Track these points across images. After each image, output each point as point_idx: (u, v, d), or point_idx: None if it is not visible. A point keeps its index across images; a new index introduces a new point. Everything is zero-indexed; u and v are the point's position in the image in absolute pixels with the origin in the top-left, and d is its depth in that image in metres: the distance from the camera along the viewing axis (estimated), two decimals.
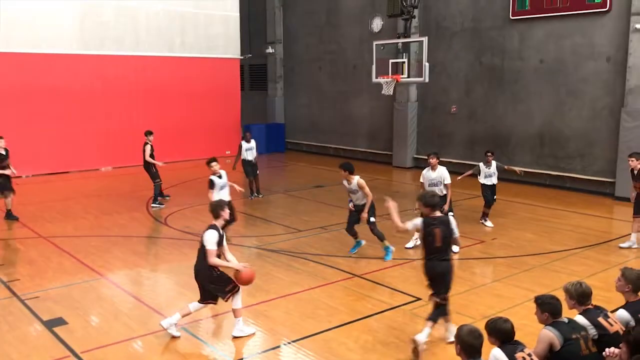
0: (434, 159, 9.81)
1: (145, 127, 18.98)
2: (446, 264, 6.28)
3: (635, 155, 9.79)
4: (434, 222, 6.20)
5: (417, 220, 6.33)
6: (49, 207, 13.35)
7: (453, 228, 6.27)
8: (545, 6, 15.01)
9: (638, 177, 9.68)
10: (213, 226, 6.51)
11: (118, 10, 18.65)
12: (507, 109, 16.40)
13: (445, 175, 9.70)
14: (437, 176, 9.70)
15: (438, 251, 6.19)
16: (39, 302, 7.56)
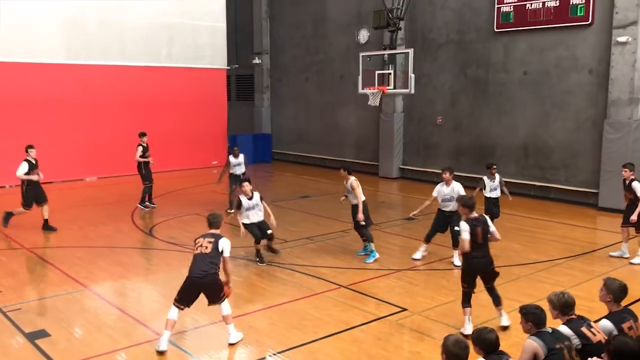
0: (447, 174, 9.63)
1: (131, 137, 18.90)
2: (486, 260, 6.95)
3: (629, 166, 9.91)
4: (475, 222, 6.84)
5: (463, 225, 6.79)
6: (32, 218, 13.18)
7: (490, 225, 6.97)
8: (528, 19, 15.22)
9: (628, 187, 9.81)
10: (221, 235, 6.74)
11: (104, 20, 18.58)
12: (492, 121, 16.55)
13: (459, 190, 9.51)
14: (450, 191, 9.54)
15: (480, 248, 6.81)
16: (21, 314, 7.46)
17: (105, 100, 18.73)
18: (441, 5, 17.46)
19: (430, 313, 7.57)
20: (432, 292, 8.37)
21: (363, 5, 19.54)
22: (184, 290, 6.60)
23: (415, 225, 12.69)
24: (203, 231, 6.94)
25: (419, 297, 8.14)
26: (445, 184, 9.67)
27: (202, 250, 6.58)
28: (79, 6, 18.04)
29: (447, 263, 9.75)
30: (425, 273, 9.28)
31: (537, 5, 15.00)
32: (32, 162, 11.64)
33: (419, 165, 18.67)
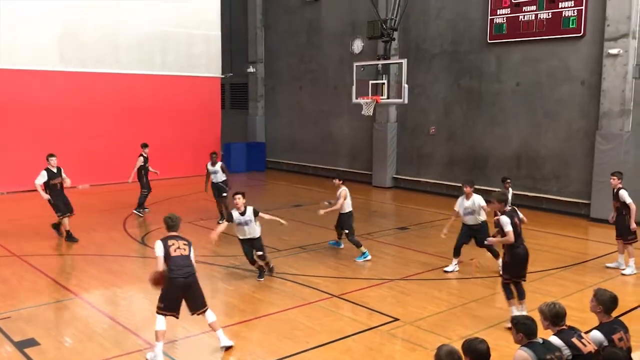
0: (467, 187, 9.58)
1: (125, 145, 18.95)
2: (526, 247, 7.55)
3: (617, 174, 9.95)
4: (512, 213, 7.50)
5: (504, 219, 7.33)
6: (24, 225, 13.14)
7: (520, 214, 7.70)
8: (521, 30, 15.34)
9: (615, 196, 9.86)
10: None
11: (99, 28, 18.59)
12: (485, 131, 16.63)
13: (480, 203, 9.49)
14: (471, 204, 9.49)
15: (519, 237, 7.44)
16: (11, 323, 7.40)
17: (100, 107, 18.70)
18: (435, 16, 17.58)
19: (422, 323, 7.56)
20: (424, 302, 8.36)
21: (357, 16, 19.64)
22: (169, 296, 6.50)
23: (408, 235, 12.72)
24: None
25: (411, 307, 8.14)
26: (465, 197, 9.61)
27: (181, 253, 6.52)
28: (74, 14, 18.03)
29: (438, 273, 9.75)
30: (418, 283, 9.29)
31: (529, 17, 15.13)
32: (52, 171, 11.41)
33: (412, 175, 18.71)
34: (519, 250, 7.46)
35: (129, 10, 19.16)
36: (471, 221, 9.59)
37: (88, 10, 18.30)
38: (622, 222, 9.79)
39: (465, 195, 9.63)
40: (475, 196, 9.58)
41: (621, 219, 9.80)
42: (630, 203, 9.66)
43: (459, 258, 9.89)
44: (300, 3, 22.08)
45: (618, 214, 9.91)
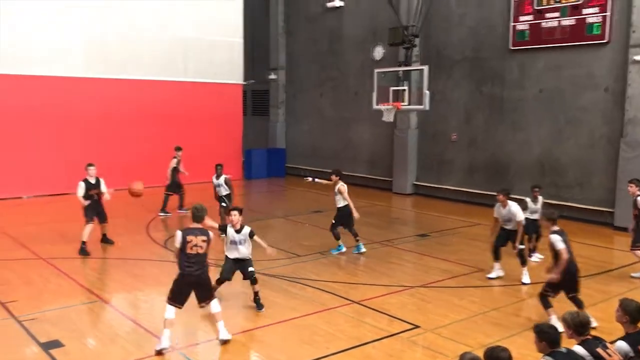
0: (501, 196, 9.58)
1: (147, 151, 19.20)
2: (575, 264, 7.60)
3: (635, 182, 9.79)
4: (563, 232, 7.54)
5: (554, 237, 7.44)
6: (49, 228, 13.37)
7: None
8: (544, 37, 15.22)
9: (634, 204, 9.71)
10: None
11: (123, 34, 18.88)
12: (507, 137, 16.51)
13: (515, 212, 9.47)
14: (507, 212, 9.50)
15: (571, 254, 7.47)
16: (36, 324, 7.53)
17: (123, 114, 18.95)
18: (457, 22, 17.53)
19: (443, 331, 7.52)
20: (445, 309, 8.32)
21: (378, 22, 19.66)
22: (179, 289, 6.83)
23: (428, 242, 12.67)
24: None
25: (432, 315, 8.10)
26: (501, 206, 9.61)
27: (197, 251, 6.74)
28: (98, 21, 18.35)
29: (459, 280, 9.69)
30: (438, 290, 9.24)
31: (552, 24, 15.01)
32: (90, 183, 11.34)
33: (433, 181, 18.63)
34: (570, 266, 7.45)
35: (153, 18, 19.44)
36: (511, 227, 9.63)
37: (112, 18, 18.61)
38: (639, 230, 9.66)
39: (501, 204, 9.62)
40: (511, 204, 9.56)
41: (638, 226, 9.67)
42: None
43: (499, 263, 9.83)
44: (322, 10, 22.19)
45: (637, 222, 9.75)
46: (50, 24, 17.51)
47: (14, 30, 16.85)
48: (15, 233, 12.69)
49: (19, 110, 17.07)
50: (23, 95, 17.16)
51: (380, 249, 11.89)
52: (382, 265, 10.64)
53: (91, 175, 11.32)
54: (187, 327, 7.70)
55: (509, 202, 9.54)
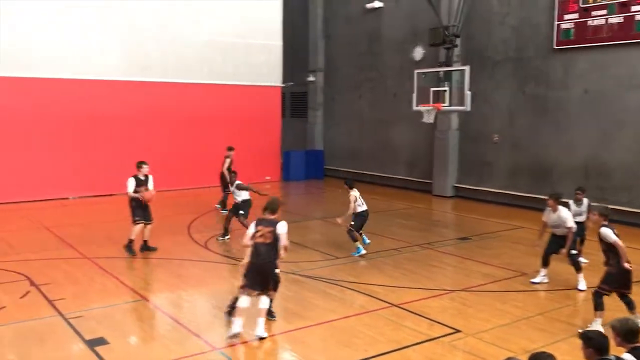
0: (550, 201, 9.44)
1: (188, 152, 19.52)
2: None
3: None
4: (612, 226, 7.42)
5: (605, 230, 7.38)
6: (94, 229, 13.72)
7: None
8: (590, 36, 14.83)
9: None
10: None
11: (163, 38, 19.21)
12: (551, 139, 16.14)
13: (566, 218, 9.32)
14: (557, 218, 9.36)
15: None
16: (82, 322, 7.73)
17: (163, 116, 19.28)
18: (499, 22, 17.25)
19: (484, 335, 7.39)
20: (487, 314, 8.17)
21: (418, 23, 19.51)
22: (249, 276, 7.21)
23: (469, 245, 12.48)
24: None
25: (473, 319, 7.97)
26: (551, 211, 9.46)
27: (263, 240, 7.17)
28: (138, 24, 18.73)
29: (502, 285, 9.51)
30: (480, 294, 9.08)
31: (599, 22, 14.62)
32: (139, 179, 11.33)
33: (474, 184, 18.36)
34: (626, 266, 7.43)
35: (192, 21, 19.73)
36: (560, 232, 9.46)
37: (152, 21, 18.95)
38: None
39: (551, 209, 9.45)
40: (561, 209, 9.38)
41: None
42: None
43: (546, 269, 9.65)
44: (361, 11, 22.16)
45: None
46: (90, 27, 17.93)
47: (56, 34, 17.30)
48: (61, 233, 13.06)
49: (66, 112, 17.56)
50: (71, 98, 17.66)
51: (420, 252, 11.78)
52: (422, 269, 10.54)
53: (143, 172, 11.37)
54: (227, 327, 7.79)
55: (559, 208, 9.36)
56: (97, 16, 18.01)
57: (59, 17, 17.35)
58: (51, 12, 17.22)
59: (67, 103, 17.63)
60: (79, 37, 17.71)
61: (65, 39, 17.47)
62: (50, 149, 17.35)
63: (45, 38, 17.13)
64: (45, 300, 8.56)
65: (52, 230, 13.41)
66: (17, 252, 11.36)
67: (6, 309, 8.19)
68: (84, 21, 17.79)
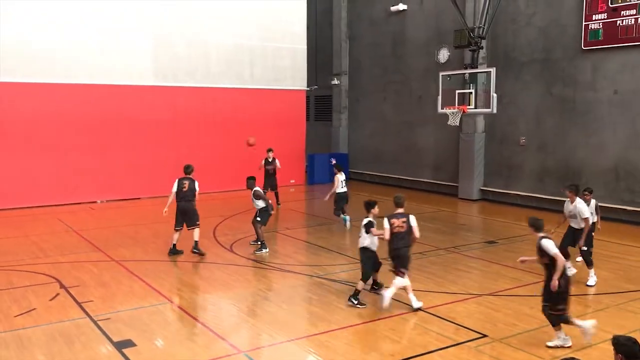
0: (567, 191, 9.70)
1: (214, 155, 19.67)
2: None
3: None
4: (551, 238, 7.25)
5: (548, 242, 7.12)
6: (121, 232, 13.90)
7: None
8: (619, 36, 14.55)
9: None
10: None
11: (190, 43, 19.45)
12: (579, 141, 15.87)
13: (581, 209, 9.49)
14: (573, 209, 9.60)
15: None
16: (110, 324, 7.83)
17: (191, 120, 19.52)
18: (525, 23, 17.04)
19: (512, 340, 7.28)
20: (514, 318, 8.06)
21: (443, 25, 19.39)
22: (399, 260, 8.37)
23: (496, 249, 12.32)
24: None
25: (500, 324, 7.86)
26: (569, 202, 9.72)
27: (399, 230, 8.31)
28: (166, 30, 18.97)
29: (529, 289, 9.36)
30: (507, 299, 8.96)
31: (629, 22, 14.34)
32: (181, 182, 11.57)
33: (500, 187, 18.14)
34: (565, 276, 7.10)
35: (219, 25, 19.93)
36: (574, 224, 9.67)
37: (178, 26, 19.19)
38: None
39: (569, 200, 9.69)
40: (578, 200, 9.59)
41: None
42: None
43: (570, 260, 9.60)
44: (385, 14, 22.10)
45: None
46: (120, 32, 18.18)
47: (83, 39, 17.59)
48: (89, 236, 13.28)
49: (95, 117, 17.86)
50: (100, 104, 17.97)
51: (446, 256, 11.68)
52: (449, 273, 10.44)
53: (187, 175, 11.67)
54: (252, 330, 7.82)
55: (576, 199, 9.56)
56: (125, 22, 18.27)
57: (86, 22, 17.65)
58: (75, 17, 17.51)
59: (96, 108, 17.92)
60: (109, 42, 17.99)
61: (92, 44, 17.74)
62: (78, 154, 17.65)
63: (71, 43, 17.44)
64: (74, 302, 8.70)
65: (80, 233, 13.64)
66: (47, 255, 11.58)
67: (36, 310, 8.35)
68: (112, 25, 18.06)
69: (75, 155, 17.59)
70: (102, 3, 17.78)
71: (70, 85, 17.48)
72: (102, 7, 17.81)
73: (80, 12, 17.51)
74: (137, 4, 18.35)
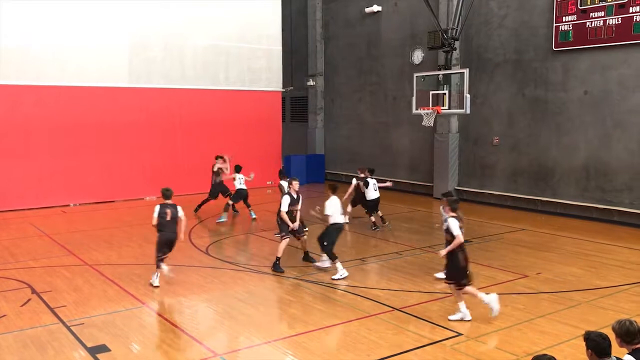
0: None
1: (189, 158, 19.54)
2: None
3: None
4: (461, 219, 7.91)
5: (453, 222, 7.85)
6: (94, 235, 13.71)
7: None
8: (589, 37, 14.83)
9: None
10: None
11: (165, 44, 19.29)
12: (551, 141, 16.13)
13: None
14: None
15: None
16: (84, 329, 7.72)
17: (165, 122, 19.36)
18: (497, 24, 17.27)
19: (486, 338, 7.38)
20: (489, 317, 8.15)
21: (417, 26, 19.55)
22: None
23: (471, 248, 12.40)
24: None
25: (475, 322, 7.95)
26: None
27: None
28: (141, 31, 18.78)
29: (503, 287, 9.49)
30: None
31: (597, 24, 14.62)
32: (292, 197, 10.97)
33: (475, 186, 18.35)
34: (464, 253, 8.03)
35: (194, 27, 19.79)
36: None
37: (154, 27, 19.00)
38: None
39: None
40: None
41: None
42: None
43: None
44: (360, 16, 22.19)
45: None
46: (95, 34, 17.94)
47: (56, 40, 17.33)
48: (62, 240, 13.07)
49: (65, 120, 17.59)
50: (70, 106, 17.70)
51: (421, 256, 11.77)
52: (424, 272, 10.51)
53: (295, 189, 10.99)
54: (228, 333, 7.78)
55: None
56: (99, 22, 18.02)
57: (60, 23, 17.39)
58: (52, 17, 17.26)
59: (68, 110, 17.67)
60: (80, 43, 17.72)
61: (66, 45, 17.48)
62: (50, 157, 17.37)
63: (43, 44, 17.16)
64: (47, 308, 8.56)
65: (53, 237, 13.42)
66: (18, 260, 11.37)
67: (7, 317, 8.18)
68: (85, 26, 17.81)
69: (47, 157, 17.29)
70: (76, 3, 17.52)
71: (41, 87, 17.18)
72: (76, 8, 17.55)
73: (52, 13, 17.24)
74: (111, 5, 18.11)
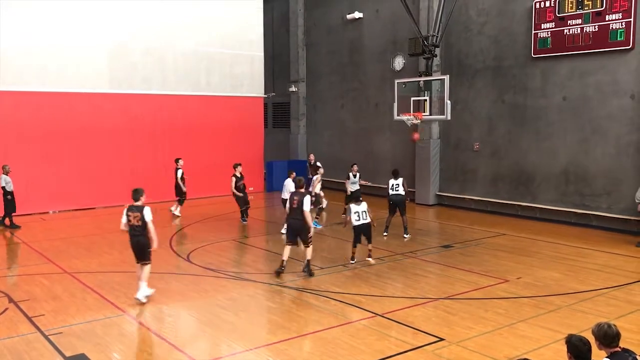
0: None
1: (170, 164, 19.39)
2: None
3: None
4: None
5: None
6: (74, 243, 13.54)
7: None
8: (567, 44, 15.06)
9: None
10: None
11: (146, 50, 19.18)
12: (531, 146, 16.32)
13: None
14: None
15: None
16: (63, 338, 7.61)
17: (146, 128, 19.23)
18: (477, 31, 17.45)
19: (468, 343, 7.41)
20: (471, 322, 8.19)
21: (398, 33, 19.68)
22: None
23: (452, 253, 12.53)
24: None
25: (457, 327, 7.99)
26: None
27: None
28: (123, 36, 18.66)
29: (484, 292, 9.56)
30: (463, 302, 9.11)
31: (575, 31, 14.85)
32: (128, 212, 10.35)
33: (456, 192, 18.47)
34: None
35: (176, 33, 19.72)
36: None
37: (135, 32, 18.90)
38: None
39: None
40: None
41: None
42: None
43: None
44: (342, 22, 22.29)
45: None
46: (75, 39, 17.78)
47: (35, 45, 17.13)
48: (41, 248, 12.89)
49: (45, 126, 17.38)
50: (50, 111, 17.50)
51: (403, 261, 11.80)
52: (406, 277, 10.55)
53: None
54: (210, 341, 7.72)
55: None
56: (80, 27, 17.87)
57: (39, 28, 17.19)
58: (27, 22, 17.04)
59: (48, 116, 17.47)
60: (62, 48, 17.54)
61: (45, 51, 17.29)
62: (29, 163, 17.13)
63: (22, 50, 16.95)
64: (24, 317, 8.42)
65: (31, 245, 13.22)
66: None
67: None
68: (66, 31, 17.64)
69: (25, 164, 17.04)
70: (57, 7, 17.36)
71: (20, 93, 16.97)
72: (56, 12, 17.39)
73: (32, 17, 17.05)
74: (92, 10, 17.97)
